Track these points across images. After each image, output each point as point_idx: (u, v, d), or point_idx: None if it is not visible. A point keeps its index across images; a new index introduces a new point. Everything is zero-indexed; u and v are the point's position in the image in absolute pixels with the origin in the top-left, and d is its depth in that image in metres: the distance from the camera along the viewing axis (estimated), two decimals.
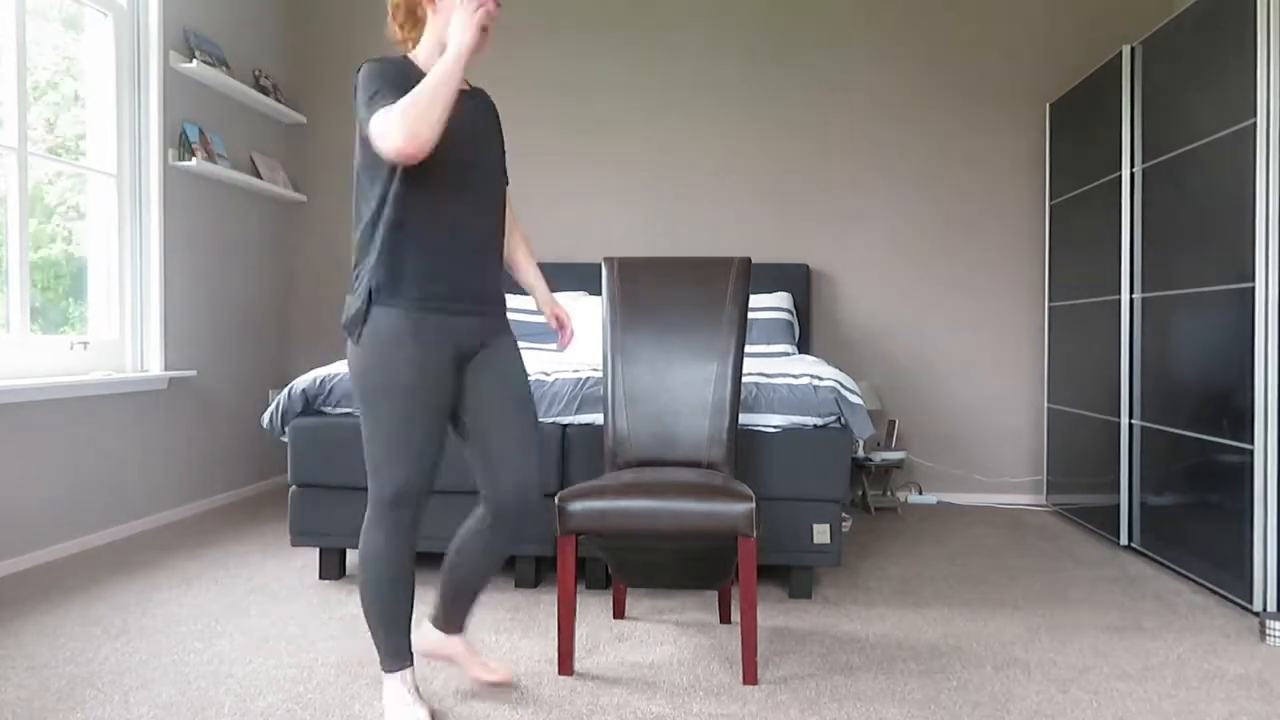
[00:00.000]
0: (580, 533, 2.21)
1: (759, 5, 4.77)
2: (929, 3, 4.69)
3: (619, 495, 2.20)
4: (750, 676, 2.20)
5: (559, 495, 2.22)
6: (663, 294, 2.69)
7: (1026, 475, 4.65)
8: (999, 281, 4.67)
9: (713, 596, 2.92)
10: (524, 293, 4.68)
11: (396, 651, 1.97)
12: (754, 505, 2.17)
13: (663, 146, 4.81)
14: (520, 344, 4.32)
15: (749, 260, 2.69)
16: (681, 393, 2.60)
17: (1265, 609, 2.73)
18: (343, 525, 3.00)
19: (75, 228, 3.70)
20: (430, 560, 3.31)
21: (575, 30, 4.85)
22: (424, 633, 2.19)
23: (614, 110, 4.83)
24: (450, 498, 2.97)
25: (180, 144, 3.98)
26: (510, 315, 4.41)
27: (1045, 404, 4.52)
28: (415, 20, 2.05)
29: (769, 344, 4.16)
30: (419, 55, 2.00)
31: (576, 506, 2.20)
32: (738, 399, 2.61)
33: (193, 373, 4.00)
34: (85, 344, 3.56)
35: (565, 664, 2.25)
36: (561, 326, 2.24)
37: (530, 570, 2.99)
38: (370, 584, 1.94)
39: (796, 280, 4.59)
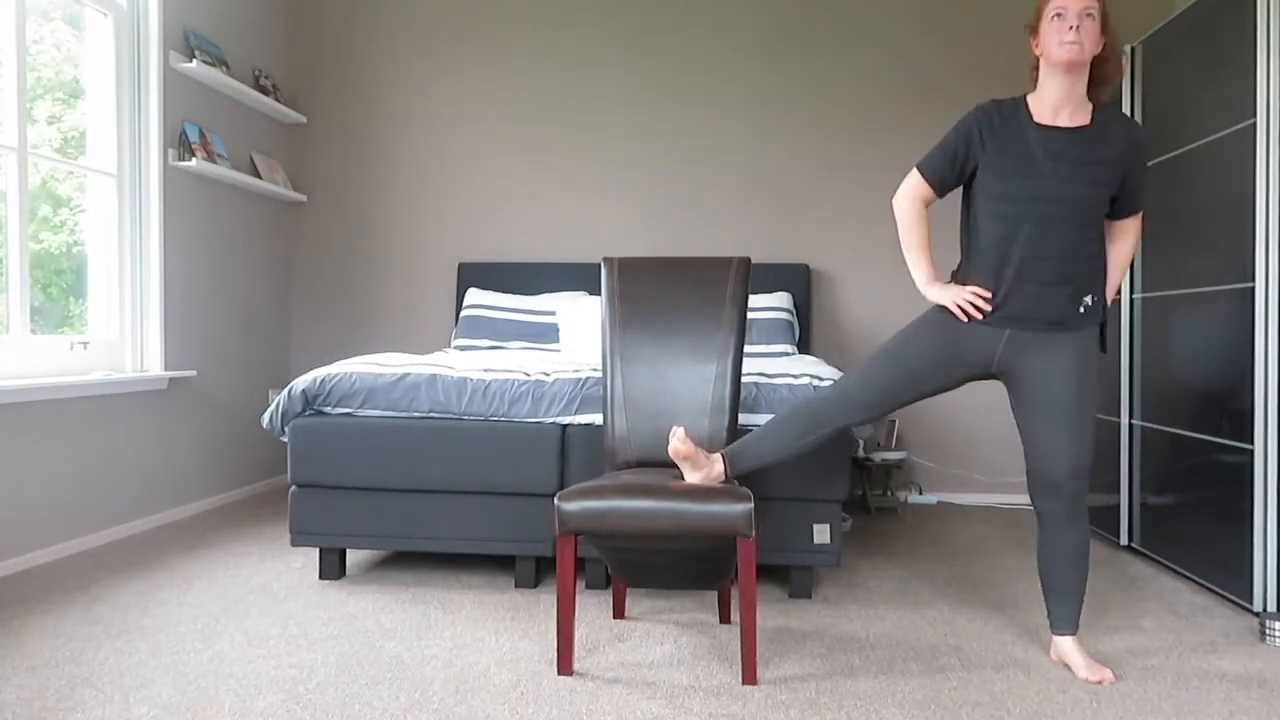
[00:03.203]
0: (579, 533, 2.21)
1: (760, 6, 4.77)
2: (929, 3, 4.69)
3: (618, 495, 2.20)
4: (750, 676, 2.20)
5: (558, 495, 2.22)
6: (662, 294, 2.69)
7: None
8: None
9: (713, 596, 2.92)
10: (531, 292, 4.68)
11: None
12: (753, 505, 2.16)
13: (663, 146, 4.81)
14: (519, 343, 4.32)
15: (748, 260, 2.69)
16: (681, 393, 2.60)
17: (1265, 609, 2.73)
18: (343, 525, 3.00)
19: (76, 227, 3.70)
20: (444, 561, 3.32)
21: (576, 30, 4.85)
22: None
23: (614, 110, 4.83)
24: (451, 497, 2.97)
25: (180, 144, 3.98)
26: (510, 315, 4.41)
27: None
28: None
29: (769, 344, 4.16)
30: (1034, 95, 2.35)
31: (575, 506, 2.20)
32: (737, 399, 2.61)
33: (193, 373, 4.00)
34: (85, 344, 3.56)
35: (565, 664, 2.25)
36: None
37: (530, 570, 2.99)
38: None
39: (796, 280, 4.59)
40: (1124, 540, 3.61)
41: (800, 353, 4.37)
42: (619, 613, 2.70)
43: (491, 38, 4.89)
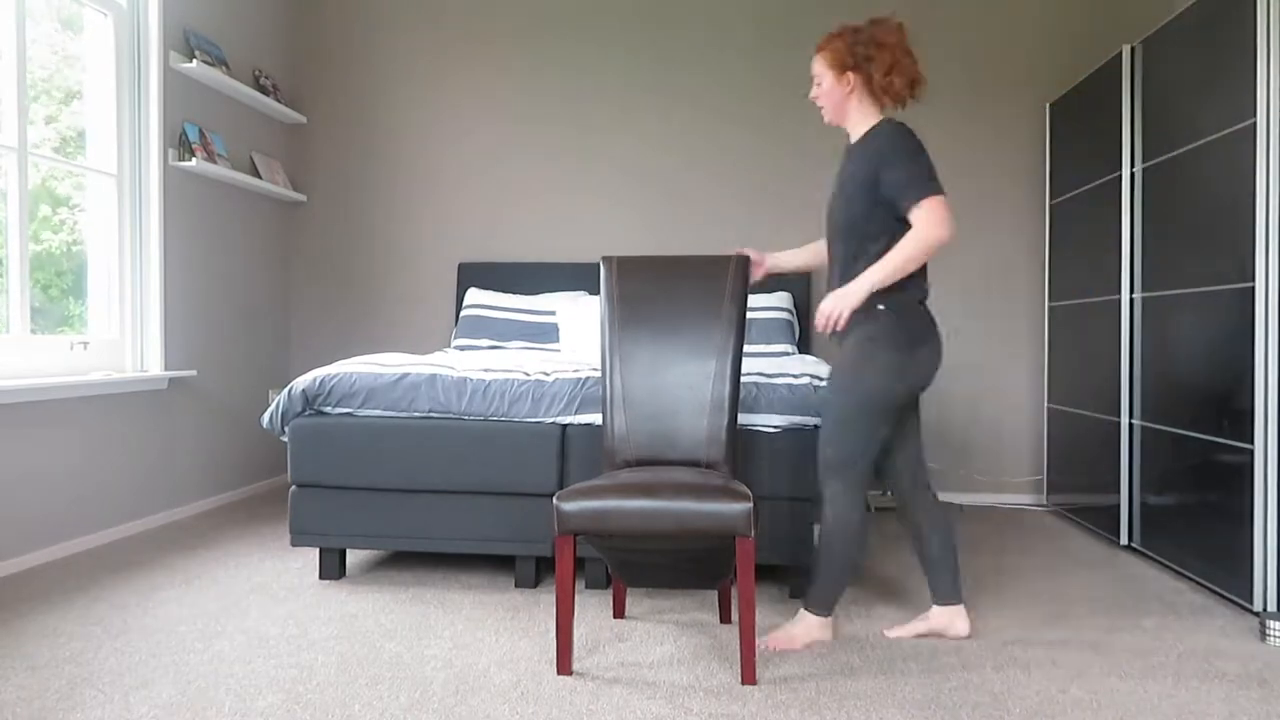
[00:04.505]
0: (578, 533, 2.21)
1: (757, 6, 4.77)
2: (929, 3, 4.69)
3: (617, 495, 2.20)
4: (749, 676, 2.20)
5: (557, 495, 2.22)
6: (661, 293, 2.69)
7: (1026, 475, 4.65)
8: (999, 281, 4.66)
9: (713, 596, 2.92)
10: (531, 292, 4.68)
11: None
12: (752, 505, 2.16)
13: (662, 146, 4.81)
14: (519, 343, 4.32)
15: (748, 259, 2.69)
16: (680, 392, 2.60)
17: (1265, 609, 2.73)
18: (343, 525, 3.00)
19: (75, 227, 3.70)
20: (444, 561, 3.32)
21: (576, 30, 4.85)
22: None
23: (613, 110, 4.83)
24: (451, 497, 2.97)
25: (180, 144, 3.98)
26: (510, 315, 4.41)
27: (1045, 404, 4.52)
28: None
29: (769, 344, 4.16)
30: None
31: (574, 506, 2.20)
32: (736, 398, 2.61)
33: (193, 373, 4.00)
34: (85, 344, 3.57)
35: (564, 664, 2.25)
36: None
37: (530, 570, 2.99)
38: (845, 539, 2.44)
39: (796, 280, 4.59)
40: (1124, 540, 3.61)
41: (800, 352, 4.37)
42: (619, 613, 2.70)
43: (492, 38, 4.89)
